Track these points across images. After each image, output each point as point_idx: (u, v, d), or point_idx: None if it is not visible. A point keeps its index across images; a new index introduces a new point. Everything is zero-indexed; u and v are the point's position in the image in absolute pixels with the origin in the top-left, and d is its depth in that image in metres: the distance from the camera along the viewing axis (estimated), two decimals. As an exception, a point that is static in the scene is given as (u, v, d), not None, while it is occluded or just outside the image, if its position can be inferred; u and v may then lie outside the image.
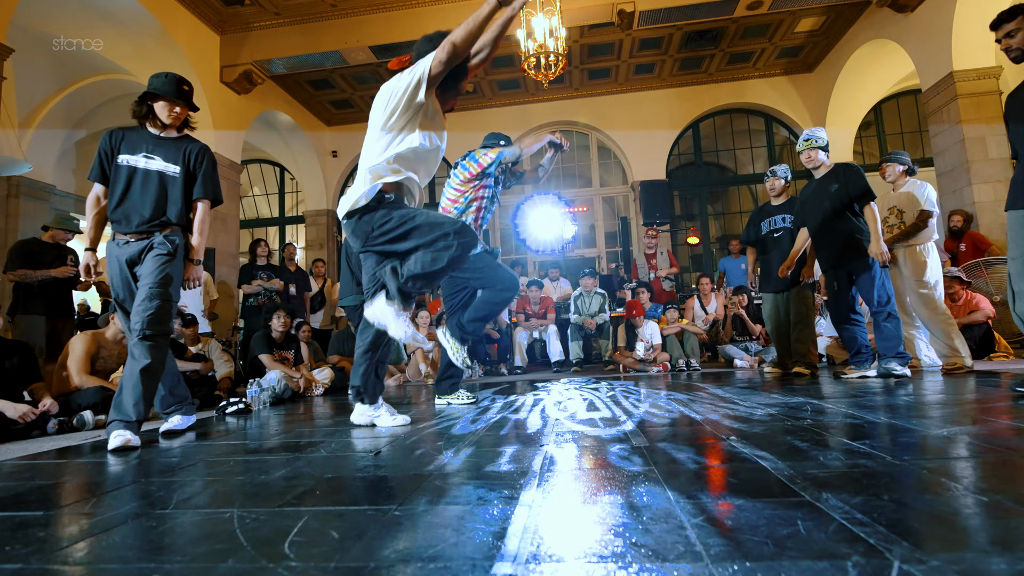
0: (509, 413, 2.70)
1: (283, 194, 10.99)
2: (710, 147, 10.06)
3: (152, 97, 2.53)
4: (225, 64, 7.51)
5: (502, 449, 1.78)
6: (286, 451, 1.98)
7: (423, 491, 1.30)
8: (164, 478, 1.63)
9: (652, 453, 1.59)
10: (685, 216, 10.59)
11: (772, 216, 4.22)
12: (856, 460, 1.37)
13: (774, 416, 2.15)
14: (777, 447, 1.57)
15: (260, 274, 5.43)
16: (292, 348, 4.53)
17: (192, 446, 2.27)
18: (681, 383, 4.02)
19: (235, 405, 3.27)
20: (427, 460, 1.67)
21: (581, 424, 2.23)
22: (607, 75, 9.25)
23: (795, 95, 9.35)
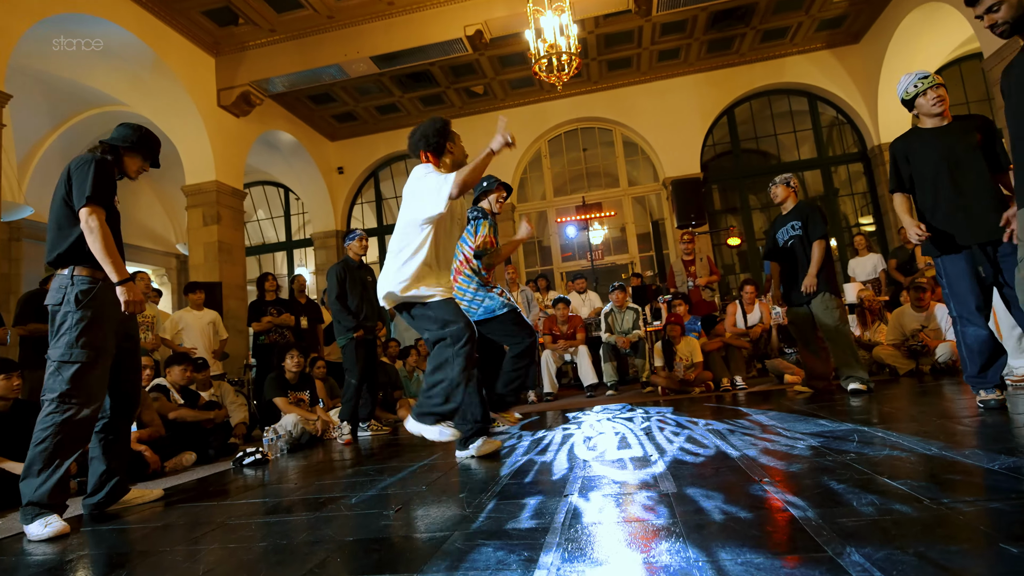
0: (535, 455, 2.82)
1: (289, 216, 11.39)
2: (748, 134, 10.03)
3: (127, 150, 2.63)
4: (222, 87, 7.89)
5: (525, 501, 1.91)
6: (307, 509, 2.15)
7: (442, 555, 1.43)
8: (188, 545, 1.80)
9: (679, 501, 1.69)
10: (725, 211, 10.55)
11: (784, 225, 4.31)
12: (891, 505, 1.45)
13: (816, 450, 2.21)
14: (811, 491, 1.66)
15: (270, 310, 5.68)
16: (307, 388, 4.74)
17: (213, 506, 2.45)
18: (724, 407, 4.07)
19: (252, 455, 3.47)
20: (448, 516, 1.80)
21: (610, 466, 2.33)
22: (628, 65, 9.34)
23: (841, 70, 9.27)
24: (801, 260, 4.18)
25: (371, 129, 10.45)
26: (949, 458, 1.88)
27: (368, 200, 11.07)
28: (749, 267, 9.79)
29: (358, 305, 4.59)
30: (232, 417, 4.78)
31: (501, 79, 9.27)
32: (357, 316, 4.54)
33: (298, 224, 11.53)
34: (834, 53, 9.27)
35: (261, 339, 5.71)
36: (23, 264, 7.82)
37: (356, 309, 4.58)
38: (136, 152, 2.67)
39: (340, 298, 4.54)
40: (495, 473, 2.44)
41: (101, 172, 2.42)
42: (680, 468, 2.16)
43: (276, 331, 5.68)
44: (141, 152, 2.68)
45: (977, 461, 1.79)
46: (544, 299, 7.54)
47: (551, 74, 5.98)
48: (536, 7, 6.14)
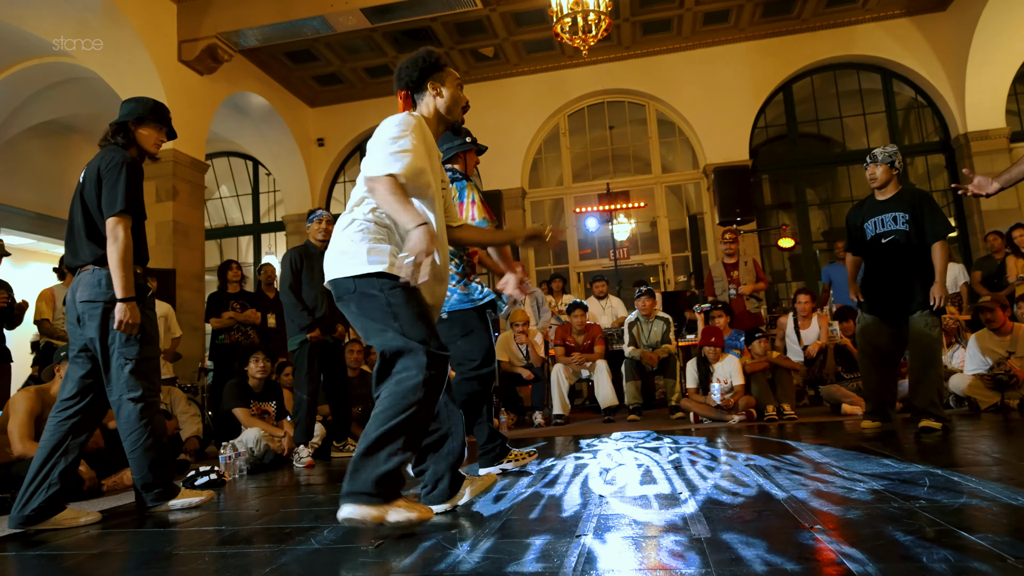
0: (542, 487, 2.83)
1: (257, 195, 11.45)
2: (808, 115, 10.01)
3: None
4: (184, 39, 7.93)
5: (530, 540, 1.91)
6: (270, 541, 2.16)
7: (431, 600, 1.44)
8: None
9: (713, 548, 1.70)
10: (777, 207, 10.54)
11: (878, 215, 4.12)
12: (968, 562, 1.45)
13: (878, 495, 2.21)
14: (872, 542, 1.66)
15: (232, 304, 5.72)
16: (273, 399, 4.76)
17: (157, 533, 2.47)
18: (768, 439, 4.06)
19: (205, 475, 3.49)
20: (438, 555, 1.81)
21: (631, 504, 2.34)
22: (667, 28, 9.34)
23: (922, 42, 9.23)
24: (900, 262, 3.98)
25: (359, 95, 10.49)
26: (1039, 509, 1.87)
27: (352, 179, 11.11)
28: (803, 274, 9.77)
29: (315, 299, 4.55)
30: (183, 430, 4.81)
31: (515, 40, 9.29)
32: (313, 312, 4.53)
33: (268, 204, 11.59)
34: (915, 22, 9.24)
35: (221, 338, 5.75)
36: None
37: (313, 304, 4.55)
38: (149, 124, 2.95)
39: (293, 289, 4.51)
40: (493, 507, 2.45)
41: (132, 177, 2.80)
42: (715, 509, 2.17)
43: (238, 329, 5.72)
44: (154, 123, 2.96)
45: (1072, 514, 1.79)
46: (558, 303, 7.56)
47: (575, 36, 6.00)
48: (561, -44, 6.17)
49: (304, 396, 4.42)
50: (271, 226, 11.38)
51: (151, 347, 2.86)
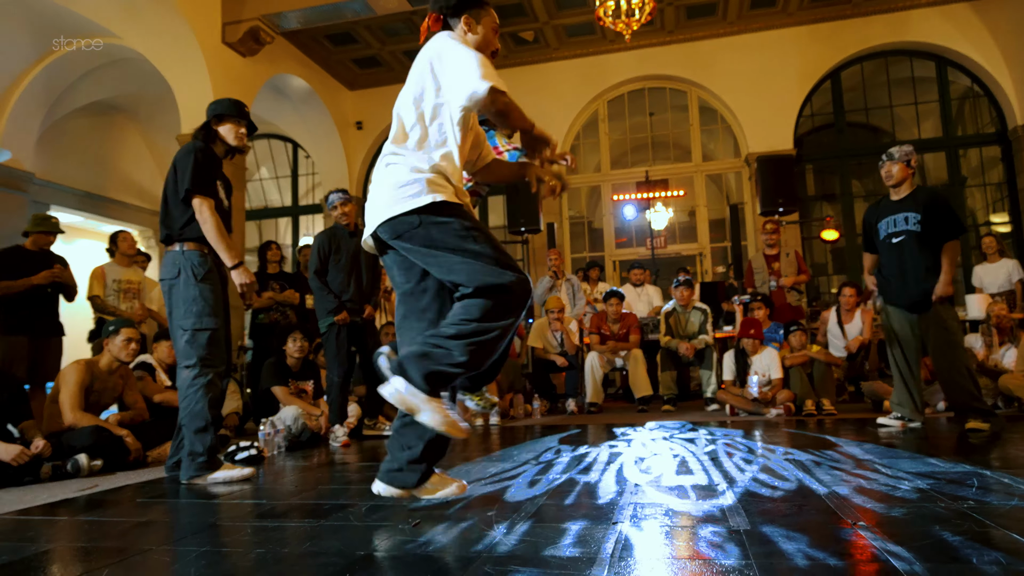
0: (577, 473, 2.84)
1: (297, 177, 11.60)
2: (857, 104, 9.75)
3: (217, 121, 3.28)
4: (228, 21, 8.05)
5: (566, 525, 1.92)
6: (308, 516, 2.21)
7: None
8: (179, 546, 1.88)
9: (752, 541, 1.69)
10: (821, 198, 10.31)
11: (891, 215, 4.11)
12: (1021, 566, 1.41)
13: (924, 493, 2.17)
14: (918, 541, 1.63)
15: (272, 284, 5.82)
16: (311, 378, 4.85)
17: (202, 504, 2.55)
18: (806, 435, 4.01)
19: (245, 450, 3.58)
20: (474, 536, 1.83)
21: (667, 493, 2.33)
22: (712, 12, 9.16)
23: (981, 28, 8.89)
24: (910, 261, 4.03)
25: (397, 78, 10.52)
26: (1096, 515, 1.82)
27: (389, 162, 11.19)
28: (846, 268, 9.55)
29: (343, 283, 4.62)
30: (223, 406, 4.93)
31: (556, 24, 9.21)
32: (340, 296, 4.59)
33: (307, 186, 11.73)
34: (974, 7, 8.89)
35: (260, 318, 5.86)
36: (-6, 214, 8.18)
37: (340, 288, 4.61)
38: (228, 120, 3.27)
39: (319, 273, 4.59)
40: (528, 492, 2.47)
41: (200, 161, 3.12)
42: (753, 502, 2.15)
43: (277, 309, 5.82)
44: (232, 118, 3.27)
45: None
46: (593, 291, 7.53)
47: (618, 20, 5.93)
48: (605, -63, 6.09)
49: (335, 378, 4.51)
50: (309, 208, 11.53)
51: (207, 319, 3.05)
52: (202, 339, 3.04)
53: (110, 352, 3.84)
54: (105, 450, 3.39)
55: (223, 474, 3.01)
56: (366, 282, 4.79)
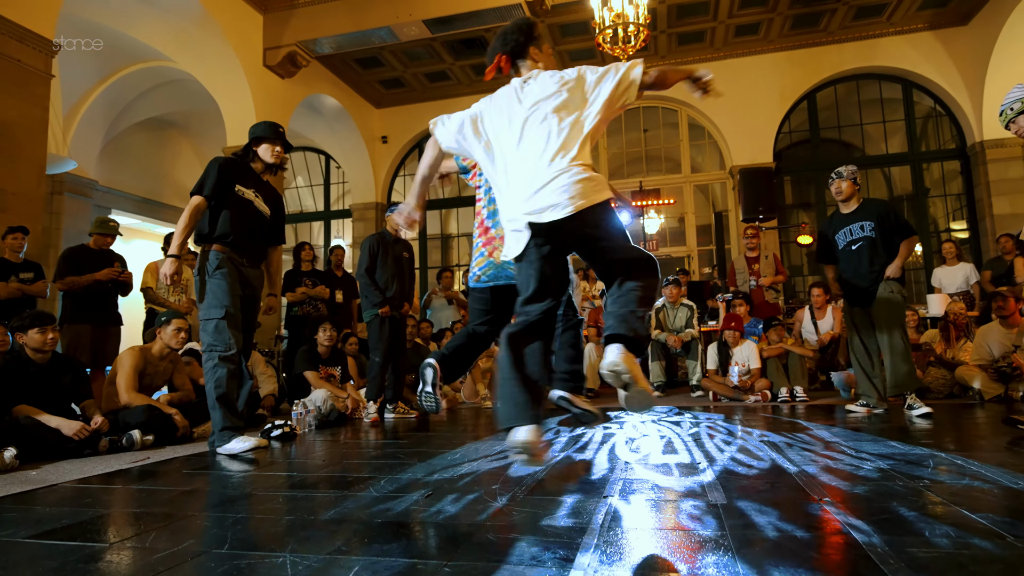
0: (574, 451, 2.84)
1: (329, 185, 11.63)
2: (830, 122, 9.66)
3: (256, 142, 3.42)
4: (268, 46, 8.08)
5: (562, 499, 1.92)
6: (333, 487, 2.22)
7: (474, 545, 1.47)
8: (217, 512, 1.89)
9: (729, 514, 1.68)
10: (797, 206, 10.24)
11: (847, 226, 4.16)
12: (969, 539, 1.40)
13: (885, 473, 2.15)
14: (877, 515, 1.61)
15: (305, 281, 5.84)
16: (339, 364, 4.87)
17: (240, 476, 2.57)
18: (781, 419, 3.99)
19: (279, 428, 3.60)
20: (480, 507, 1.83)
21: (654, 471, 2.33)
22: (701, 39, 9.10)
23: (943, 55, 8.79)
24: (869, 261, 4.05)
25: (419, 97, 10.53)
26: (1040, 494, 1.79)
27: (411, 172, 11.20)
28: (819, 269, 9.48)
29: (387, 281, 4.73)
30: (261, 388, 4.96)
31: (560, 50, 9.18)
32: (384, 292, 4.66)
33: (337, 194, 11.76)
34: (937, 35, 8.80)
35: (294, 311, 5.88)
36: (63, 219, 8.25)
37: (384, 285, 4.70)
38: (264, 141, 3.40)
39: (369, 271, 4.68)
40: (530, 468, 2.47)
41: (211, 169, 3.23)
42: (731, 479, 2.14)
43: (310, 303, 5.84)
44: (267, 140, 3.40)
45: (1073, 500, 1.71)
46: (592, 289, 7.51)
47: (616, 46, 5.90)
48: (604, -28, 6.05)
49: (377, 359, 4.60)
50: (339, 213, 11.57)
51: (213, 310, 3.15)
52: (209, 327, 3.13)
53: (162, 339, 3.87)
54: (156, 427, 3.42)
55: (236, 445, 3.06)
56: (407, 283, 4.92)
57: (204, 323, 3.16)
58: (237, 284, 3.24)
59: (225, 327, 3.14)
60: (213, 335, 3.14)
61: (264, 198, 3.46)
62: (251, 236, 3.37)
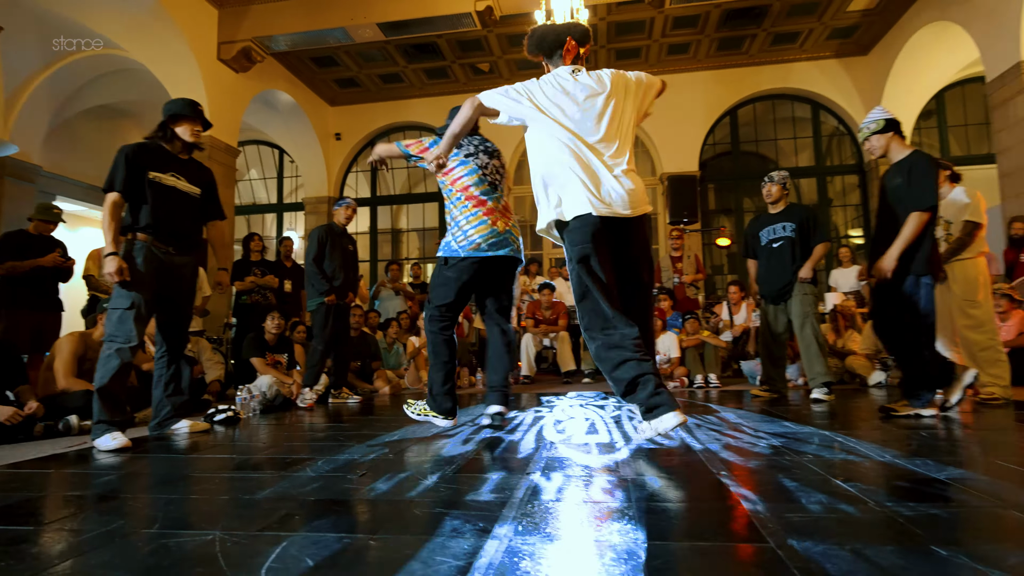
0: (504, 433, 2.86)
1: (282, 178, 11.27)
2: (749, 136, 10.05)
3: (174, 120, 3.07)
4: (223, 40, 7.74)
5: (488, 476, 1.94)
6: (273, 468, 2.17)
7: (400, 519, 1.47)
8: (151, 494, 1.82)
9: (637, 488, 1.74)
10: (719, 211, 10.60)
11: (771, 225, 4.30)
12: (837, 504, 1.50)
13: (776, 449, 2.27)
14: (765, 486, 1.71)
15: (254, 270, 5.65)
16: (286, 351, 4.74)
17: (179, 458, 2.47)
18: (695, 403, 4.14)
19: (223, 412, 3.48)
20: (410, 485, 1.83)
21: (575, 450, 2.38)
22: (637, 55, 9.29)
23: (847, 80, 9.28)
24: (786, 262, 4.19)
25: (372, 97, 10.33)
26: (901, 466, 1.93)
27: (364, 169, 10.98)
28: (737, 269, 9.87)
29: (335, 271, 4.62)
30: (207, 374, 4.79)
31: (508, 59, 9.19)
32: (331, 281, 4.57)
33: (291, 187, 11.42)
34: (842, 63, 9.27)
35: (243, 299, 5.69)
36: (4, 203, 7.68)
37: (332, 274, 4.61)
38: (183, 120, 3.07)
39: (317, 260, 4.58)
40: (461, 448, 2.48)
41: (119, 161, 2.88)
42: (643, 456, 2.21)
43: (259, 292, 5.66)
44: (186, 118, 3.07)
45: (927, 470, 1.85)
46: (531, 283, 7.57)
47: (557, 57, 5.92)
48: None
49: (319, 347, 4.49)
50: (292, 206, 11.23)
51: (120, 299, 2.86)
52: (113, 317, 2.86)
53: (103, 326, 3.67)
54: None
55: (104, 441, 2.68)
56: (352, 274, 4.81)
57: (109, 312, 2.88)
58: (153, 277, 2.94)
59: (129, 318, 2.84)
60: (115, 325, 2.84)
61: (189, 178, 3.11)
62: (177, 222, 3.03)
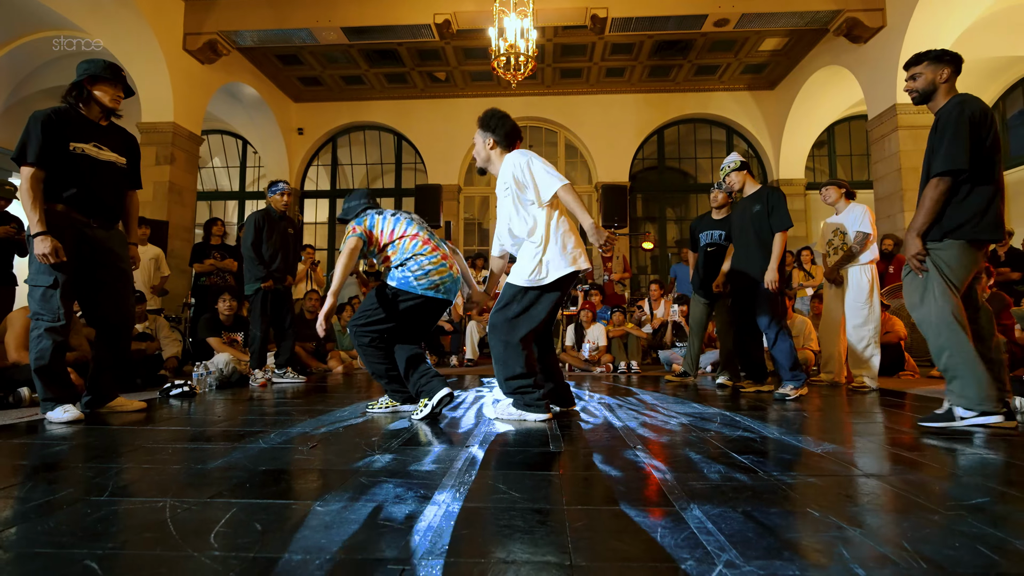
0: (448, 410, 2.85)
1: (245, 168, 10.73)
2: (673, 153, 10.35)
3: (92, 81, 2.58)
4: (189, 31, 7.27)
5: (430, 448, 1.93)
6: (226, 440, 2.07)
7: (346, 487, 1.43)
8: (102, 463, 1.70)
9: (565, 459, 1.77)
10: (645, 218, 10.90)
11: (709, 230, 4.34)
12: (733, 474, 1.57)
13: (685, 427, 2.36)
14: (674, 459, 1.77)
15: (213, 253, 5.36)
16: (242, 330, 4.53)
17: (134, 430, 2.32)
18: (618, 386, 4.25)
19: (179, 387, 3.30)
20: (358, 456, 1.79)
21: (511, 425, 2.39)
22: (579, 75, 9.38)
23: (756, 110, 9.72)
24: (717, 264, 4.23)
25: (335, 97, 9.98)
26: (787, 442, 2.05)
27: (324, 163, 10.62)
28: (659, 269, 10.18)
29: (272, 255, 4.35)
30: (164, 351, 4.52)
31: (463, 69, 9.08)
32: (268, 266, 4.33)
33: (253, 176, 10.89)
34: (753, 95, 9.69)
35: (202, 280, 5.40)
36: (-44, 177, 6.96)
37: (269, 259, 4.35)
38: (103, 82, 2.60)
39: (254, 245, 4.29)
40: (407, 424, 2.45)
41: (33, 130, 2.42)
42: (571, 432, 2.25)
43: (218, 274, 5.38)
44: (108, 80, 2.61)
45: (807, 445, 1.97)
46: (477, 276, 7.54)
47: (508, 71, 5.92)
48: (502, 8, 6.04)
49: (257, 332, 4.24)
50: (254, 194, 10.71)
51: (42, 276, 2.47)
52: (36, 294, 2.48)
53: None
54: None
55: (55, 414, 2.47)
56: (291, 257, 4.53)
57: (31, 289, 2.48)
58: (73, 253, 2.52)
59: (54, 296, 2.46)
60: (40, 303, 2.47)
61: (112, 146, 2.65)
62: (100, 194, 2.59)
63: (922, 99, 2.42)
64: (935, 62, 2.36)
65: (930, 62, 2.37)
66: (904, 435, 2.21)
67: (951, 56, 2.35)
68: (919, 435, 2.18)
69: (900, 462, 1.74)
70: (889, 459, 1.80)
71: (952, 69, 2.35)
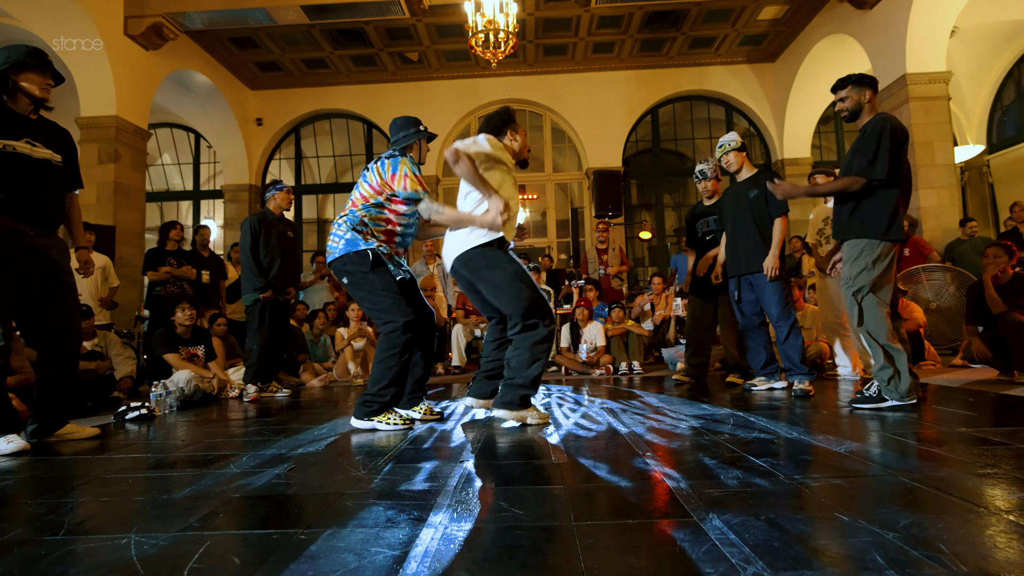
0: (436, 423, 2.83)
1: (198, 164, 10.59)
2: (669, 135, 10.42)
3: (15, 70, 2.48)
4: (130, 15, 7.15)
5: (422, 465, 1.91)
6: (192, 466, 2.04)
7: (331, 512, 1.42)
8: (54, 498, 1.67)
9: (568, 471, 1.77)
10: (641, 206, 10.96)
11: (705, 217, 4.37)
12: (752, 479, 1.59)
13: (696, 430, 2.38)
14: (686, 465, 1.78)
15: (169, 260, 5.27)
16: (202, 343, 4.47)
17: (87, 459, 2.28)
18: (620, 389, 4.26)
19: (136, 410, 3.25)
20: (341, 477, 1.78)
21: (508, 436, 2.39)
22: (564, 52, 9.40)
23: (756, 84, 9.81)
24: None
25: (297, 83, 9.88)
26: (807, 441, 2.08)
27: (288, 156, 10.51)
28: (657, 261, 10.25)
29: (271, 262, 4.36)
30: (117, 370, 4.44)
31: (437, 49, 9.04)
32: (267, 275, 4.33)
33: (208, 174, 10.75)
34: (752, 68, 9.79)
35: (157, 290, 5.30)
36: None
37: (268, 266, 4.36)
38: (30, 70, 2.50)
39: (253, 252, 4.29)
40: (395, 439, 2.43)
41: None
42: (574, 441, 2.25)
43: (175, 283, 5.29)
44: (35, 68, 2.51)
45: (828, 445, 1.99)
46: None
47: (487, 50, 5.91)
48: (478, -21, 6.03)
49: (255, 346, 4.27)
50: (210, 193, 10.59)
51: None
52: None
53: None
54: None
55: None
56: (291, 264, 4.54)
57: None
58: (7, 263, 2.43)
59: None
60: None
61: (46, 143, 2.55)
62: (37, 196, 2.50)
63: (851, 117, 2.99)
64: (857, 85, 2.94)
65: (853, 86, 2.94)
66: (928, 429, 2.25)
67: (869, 79, 2.96)
68: (947, 428, 2.22)
69: (929, 459, 1.77)
70: (916, 456, 1.83)
71: (872, 91, 2.96)
